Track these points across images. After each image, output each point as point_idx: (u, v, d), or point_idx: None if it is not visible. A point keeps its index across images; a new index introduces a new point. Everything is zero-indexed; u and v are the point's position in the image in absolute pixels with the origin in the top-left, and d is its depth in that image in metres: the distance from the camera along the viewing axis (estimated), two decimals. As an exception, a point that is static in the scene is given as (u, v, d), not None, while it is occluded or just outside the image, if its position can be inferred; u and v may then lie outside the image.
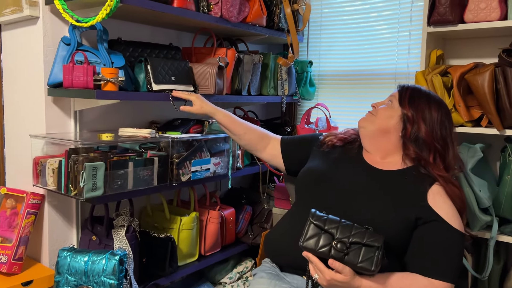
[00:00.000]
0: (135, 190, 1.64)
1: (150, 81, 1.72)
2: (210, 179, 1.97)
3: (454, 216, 1.30)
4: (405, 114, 1.38)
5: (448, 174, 1.35)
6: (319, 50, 2.61)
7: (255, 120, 2.35)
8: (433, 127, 1.36)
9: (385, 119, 1.40)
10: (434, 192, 1.32)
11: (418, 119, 1.36)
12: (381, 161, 1.43)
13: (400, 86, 1.47)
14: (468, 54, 2.08)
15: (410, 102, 1.39)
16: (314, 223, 1.23)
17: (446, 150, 1.38)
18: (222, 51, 2.03)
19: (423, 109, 1.37)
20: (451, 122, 1.42)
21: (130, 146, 1.69)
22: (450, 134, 1.41)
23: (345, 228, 1.22)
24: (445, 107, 1.43)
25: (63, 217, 1.75)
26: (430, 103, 1.39)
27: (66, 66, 1.56)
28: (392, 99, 1.44)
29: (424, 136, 1.35)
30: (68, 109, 1.74)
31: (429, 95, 1.43)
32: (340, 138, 1.55)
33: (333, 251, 1.19)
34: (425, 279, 1.24)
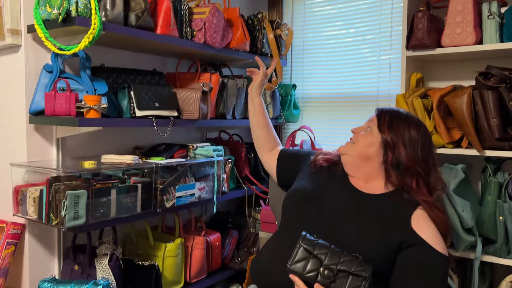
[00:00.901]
0: (118, 217, 1.62)
1: (134, 107, 1.72)
2: (195, 204, 1.96)
3: (438, 240, 1.30)
4: (384, 139, 1.38)
5: (431, 198, 1.36)
6: (302, 74, 2.64)
7: (240, 143, 2.36)
8: (414, 150, 1.37)
9: (365, 147, 1.41)
10: (418, 216, 1.32)
11: (398, 143, 1.37)
12: (364, 185, 1.44)
13: (378, 110, 1.48)
14: (446, 77, 2.13)
15: (389, 126, 1.40)
16: (303, 247, 1.23)
17: (428, 173, 1.39)
18: (206, 76, 2.05)
19: (403, 132, 1.38)
20: (431, 143, 1.44)
21: (113, 172, 1.68)
22: (431, 155, 1.42)
23: (334, 254, 1.21)
24: (424, 128, 1.44)
25: (44, 247, 1.72)
26: (410, 125, 1.41)
27: (48, 93, 1.56)
28: (371, 124, 1.45)
29: (405, 161, 1.35)
30: (50, 136, 1.73)
31: (408, 117, 1.44)
32: (326, 159, 1.56)
33: (320, 277, 1.18)
34: None
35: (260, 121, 1.73)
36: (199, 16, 1.95)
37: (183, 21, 1.91)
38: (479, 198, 1.95)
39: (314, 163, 1.56)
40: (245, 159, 2.36)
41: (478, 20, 1.81)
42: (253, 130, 1.77)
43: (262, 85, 1.75)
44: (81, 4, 1.51)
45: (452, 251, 1.87)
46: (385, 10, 2.33)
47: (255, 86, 1.74)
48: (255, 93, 1.74)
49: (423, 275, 1.25)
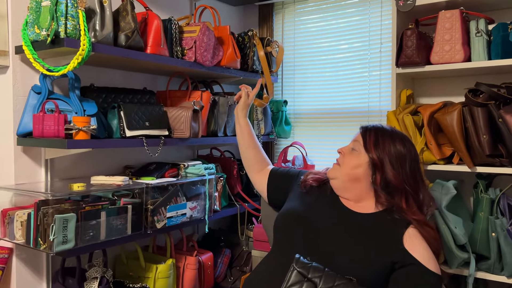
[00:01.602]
0: (108, 240, 1.59)
1: (124, 127, 1.71)
2: (186, 224, 1.94)
3: (430, 258, 1.30)
4: (372, 159, 1.37)
5: (422, 217, 1.35)
6: (293, 90, 2.65)
7: (232, 160, 2.34)
8: (402, 167, 1.36)
9: (352, 169, 1.40)
10: (410, 235, 1.32)
11: (386, 162, 1.36)
12: (355, 204, 1.43)
13: (362, 128, 1.46)
14: (436, 93, 2.14)
15: (375, 145, 1.38)
16: (297, 270, 1.21)
17: (417, 190, 1.39)
18: (197, 94, 2.04)
19: (389, 149, 1.37)
20: (417, 157, 1.43)
21: (103, 194, 1.65)
22: (419, 170, 1.41)
23: (329, 278, 1.19)
24: (410, 142, 1.43)
25: (33, 271, 1.68)
26: (395, 141, 1.40)
27: (36, 115, 1.54)
28: (357, 144, 1.43)
29: (393, 181, 1.34)
30: (39, 158, 1.70)
31: (392, 133, 1.43)
32: (316, 179, 1.54)
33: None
34: None
35: (247, 142, 1.71)
36: (189, 35, 1.95)
37: (173, 40, 1.91)
38: (471, 214, 1.95)
39: (304, 183, 1.54)
40: (237, 176, 2.34)
41: (466, 38, 1.83)
42: (241, 151, 1.75)
43: (246, 107, 1.73)
44: (70, 25, 1.50)
45: (445, 268, 1.86)
46: (375, 27, 2.35)
47: (239, 108, 1.72)
48: (240, 115, 1.72)
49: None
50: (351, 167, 1.40)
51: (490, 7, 1.93)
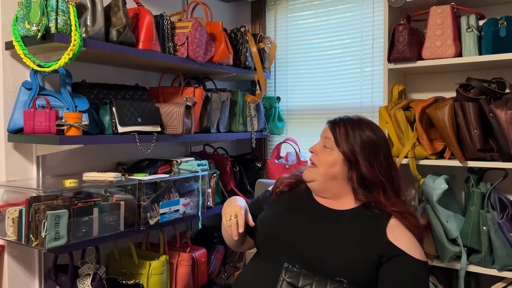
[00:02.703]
0: (101, 236, 1.58)
1: (116, 123, 1.70)
2: (179, 220, 1.93)
3: (415, 247, 1.30)
4: (344, 153, 1.35)
5: (402, 206, 1.34)
6: (286, 86, 2.65)
7: (225, 157, 2.34)
8: (375, 158, 1.34)
9: (329, 167, 1.36)
10: (392, 226, 1.31)
11: (359, 156, 1.34)
12: (334, 202, 1.40)
13: (330, 123, 1.43)
14: (428, 88, 2.16)
15: (346, 138, 1.36)
16: (287, 281, 1.19)
17: (392, 178, 1.37)
18: (190, 90, 2.04)
19: (360, 139, 1.35)
20: (387, 143, 1.41)
21: (96, 190, 1.65)
22: (391, 155, 1.41)
23: (320, 284, 1.18)
24: (378, 128, 1.42)
25: (25, 268, 1.67)
26: (364, 129, 1.38)
27: (27, 111, 1.52)
28: (328, 141, 1.40)
29: (369, 175, 1.33)
30: (30, 155, 1.69)
31: (360, 121, 1.41)
32: (286, 184, 1.50)
33: None
34: None
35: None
36: (181, 31, 1.95)
37: (165, 36, 1.90)
38: (462, 209, 1.97)
39: (275, 191, 1.50)
40: (230, 172, 2.34)
41: (457, 33, 1.84)
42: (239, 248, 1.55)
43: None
44: (61, 21, 1.48)
45: (437, 262, 1.88)
46: (367, 23, 2.36)
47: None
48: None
49: (406, 286, 1.25)
50: (327, 166, 1.37)
51: (480, 3, 1.95)
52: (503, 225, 1.68)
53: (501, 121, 1.67)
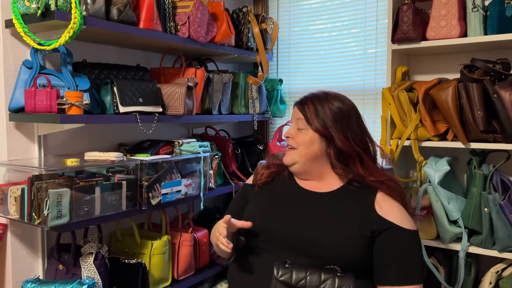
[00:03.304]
0: (103, 216, 1.59)
1: (117, 103, 1.69)
2: (181, 201, 1.94)
3: (404, 217, 1.30)
4: (317, 130, 1.34)
5: (381, 175, 1.33)
6: (288, 68, 2.63)
7: (227, 139, 2.34)
8: (348, 127, 1.34)
9: (307, 147, 1.35)
10: (379, 201, 1.31)
11: (332, 130, 1.33)
12: (319, 184, 1.39)
13: (298, 104, 1.41)
14: (432, 70, 2.14)
15: (316, 115, 1.35)
16: (279, 281, 1.17)
17: (367, 146, 1.37)
18: (191, 71, 2.02)
19: (330, 111, 1.34)
20: (357, 110, 1.41)
21: (97, 170, 1.65)
22: (363, 122, 1.40)
23: (313, 278, 1.17)
24: (345, 97, 1.41)
25: (28, 247, 1.68)
26: (332, 101, 1.36)
27: (28, 90, 1.52)
28: (300, 122, 1.38)
29: (344, 148, 1.32)
30: (32, 134, 1.69)
31: (327, 95, 1.40)
32: (267, 175, 1.48)
33: None
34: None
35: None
36: (182, 10, 1.92)
37: (167, 15, 1.88)
38: (464, 191, 1.97)
39: (256, 183, 1.48)
40: (232, 154, 2.34)
41: (462, 13, 1.81)
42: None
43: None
44: (61, -2, 1.47)
45: (438, 243, 1.88)
46: (371, 3, 2.33)
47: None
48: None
49: (399, 259, 1.26)
50: (306, 146, 1.35)
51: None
52: (504, 207, 1.68)
53: (505, 102, 1.66)
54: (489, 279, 1.78)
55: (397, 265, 1.26)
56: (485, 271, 1.82)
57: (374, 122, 2.26)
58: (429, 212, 1.87)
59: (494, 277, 1.78)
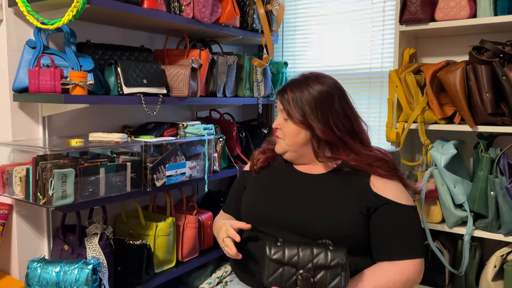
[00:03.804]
0: (108, 197, 1.59)
1: (121, 84, 1.68)
2: (186, 183, 1.93)
3: (400, 192, 1.29)
4: (299, 122, 1.32)
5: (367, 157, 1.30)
6: (294, 51, 2.60)
7: (231, 122, 2.32)
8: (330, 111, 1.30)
9: (294, 138, 1.35)
10: (373, 180, 1.29)
11: (312, 119, 1.30)
12: (314, 167, 1.38)
13: (278, 93, 1.39)
14: (439, 52, 2.10)
15: (295, 103, 1.32)
16: (272, 259, 1.18)
17: (352, 128, 1.33)
18: (196, 53, 2.00)
19: (309, 96, 1.31)
20: (340, 87, 1.37)
21: (102, 151, 1.64)
22: (346, 102, 1.35)
23: (305, 253, 1.17)
24: (324, 76, 1.37)
25: (33, 227, 1.69)
26: (311, 84, 1.33)
27: (32, 70, 1.51)
28: (281, 113, 1.37)
29: (327, 138, 1.30)
30: (36, 115, 1.68)
31: (305, 78, 1.36)
32: (263, 160, 1.48)
33: (300, 282, 1.15)
34: (392, 265, 1.23)
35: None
36: (187, -10, 1.89)
37: (171, -5, 1.85)
38: (470, 174, 1.96)
39: (253, 169, 1.48)
40: (237, 138, 2.33)
41: (472, -7, 1.78)
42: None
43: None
44: (64, -24, 1.44)
45: (442, 226, 1.88)
46: (378, -16, 2.28)
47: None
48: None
49: (396, 232, 1.24)
50: (292, 137, 1.35)
51: (498, -38, 1.87)
52: (511, 190, 1.67)
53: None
54: (494, 263, 1.78)
55: (395, 240, 1.24)
56: (490, 255, 1.82)
57: (380, 105, 2.24)
58: (435, 195, 1.86)
59: (499, 261, 1.78)
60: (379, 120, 2.29)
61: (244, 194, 1.47)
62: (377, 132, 2.29)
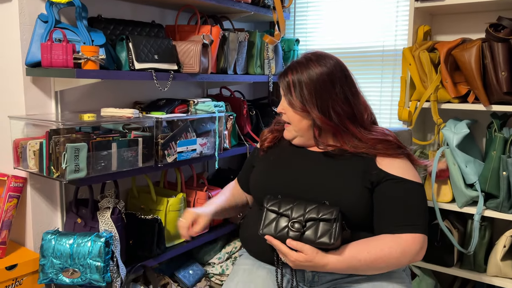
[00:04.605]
0: (120, 171, 1.61)
1: (132, 59, 1.68)
2: (196, 160, 1.95)
3: (407, 169, 1.27)
4: (300, 110, 1.29)
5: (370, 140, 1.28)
6: (306, 28, 2.57)
7: (242, 100, 2.32)
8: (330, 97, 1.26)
9: (299, 123, 1.33)
10: (379, 159, 1.28)
11: (309, 105, 1.27)
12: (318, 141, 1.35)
13: (280, 78, 1.35)
14: (455, 30, 2.06)
15: (294, 88, 1.29)
16: (269, 210, 1.23)
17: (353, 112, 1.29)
18: (207, 29, 1.99)
19: (309, 80, 1.26)
20: (342, 67, 1.31)
21: (114, 127, 1.66)
22: (348, 84, 1.30)
23: (300, 206, 1.21)
24: (326, 56, 1.31)
25: (47, 200, 1.72)
26: (312, 65, 1.28)
27: (44, 44, 1.51)
28: (285, 99, 1.34)
29: (323, 125, 1.28)
30: (48, 90, 1.69)
31: (306, 59, 1.31)
32: (270, 140, 1.47)
33: (291, 232, 1.18)
34: (393, 236, 1.21)
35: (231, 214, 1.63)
36: (198, -36, 1.87)
37: (182, -31, 1.83)
38: (482, 154, 1.94)
39: (261, 148, 1.48)
40: (247, 116, 2.33)
41: (491, -32, 1.73)
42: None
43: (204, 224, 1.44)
44: None
45: (453, 206, 1.87)
46: (393, -41, 2.23)
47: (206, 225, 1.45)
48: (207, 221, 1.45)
49: (400, 206, 1.22)
50: (297, 123, 1.33)
51: None
52: (524, 170, 1.65)
53: (532, 63, 1.60)
54: (504, 243, 1.78)
55: (396, 212, 1.22)
56: (500, 235, 1.82)
57: (393, 84, 2.22)
58: (446, 175, 1.85)
59: (508, 241, 1.78)
60: (391, 99, 2.26)
61: (252, 173, 1.48)
62: (389, 111, 2.27)
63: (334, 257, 1.18)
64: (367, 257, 1.18)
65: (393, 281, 1.28)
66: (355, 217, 1.23)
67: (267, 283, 1.32)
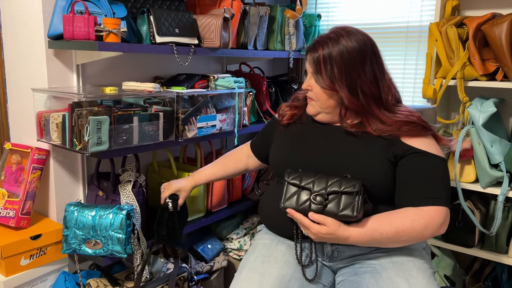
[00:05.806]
0: (141, 145, 1.61)
1: (153, 33, 1.66)
2: (216, 136, 1.94)
3: (431, 145, 1.25)
4: (328, 88, 1.26)
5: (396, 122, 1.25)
6: (328, 3, 2.51)
7: (261, 76, 2.29)
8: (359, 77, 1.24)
9: (326, 101, 1.30)
10: (403, 138, 1.26)
11: (338, 84, 1.24)
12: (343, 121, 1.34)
13: (308, 53, 1.31)
14: (484, 5, 1.98)
15: (324, 64, 1.25)
16: (290, 183, 1.22)
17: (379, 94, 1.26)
18: (228, 2, 1.95)
19: (339, 55, 1.23)
20: (374, 49, 1.27)
21: (135, 101, 1.65)
22: (377, 63, 1.27)
23: (321, 180, 1.20)
24: (359, 33, 1.27)
25: (69, 173, 1.75)
26: (342, 40, 1.24)
27: (66, 16, 1.50)
28: (311, 76, 1.31)
29: (350, 105, 1.26)
30: (70, 63, 1.69)
31: (338, 35, 1.26)
32: (289, 116, 1.44)
33: (313, 205, 1.18)
34: (415, 209, 1.19)
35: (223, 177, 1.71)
36: None
37: None
38: (509, 134, 1.89)
39: (281, 123, 1.46)
40: (266, 93, 2.30)
41: None
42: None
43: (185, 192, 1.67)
44: None
45: (476, 186, 1.84)
46: None
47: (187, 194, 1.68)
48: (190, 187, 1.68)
49: (423, 179, 1.20)
50: (324, 100, 1.30)
51: None
52: (553, 151, 1.61)
53: None
54: (527, 224, 1.75)
55: (419, 185, 1.20)
56: (523, 216, 1.79)
57: (417, 62, 2.16)
58: (470, 154, 1.82)
59: (532, 223, 1.75)
60: (415, 77, 2.21)
61: (272, 148, 1.47)
62: (412, 88, 2.22)
63: (356, 230, 1.17)
64: (389, 230, 1.17)
65: (413, 257, 1.27)
66: (377, 190, 1.22)
67: (286, 258, 1.33)
